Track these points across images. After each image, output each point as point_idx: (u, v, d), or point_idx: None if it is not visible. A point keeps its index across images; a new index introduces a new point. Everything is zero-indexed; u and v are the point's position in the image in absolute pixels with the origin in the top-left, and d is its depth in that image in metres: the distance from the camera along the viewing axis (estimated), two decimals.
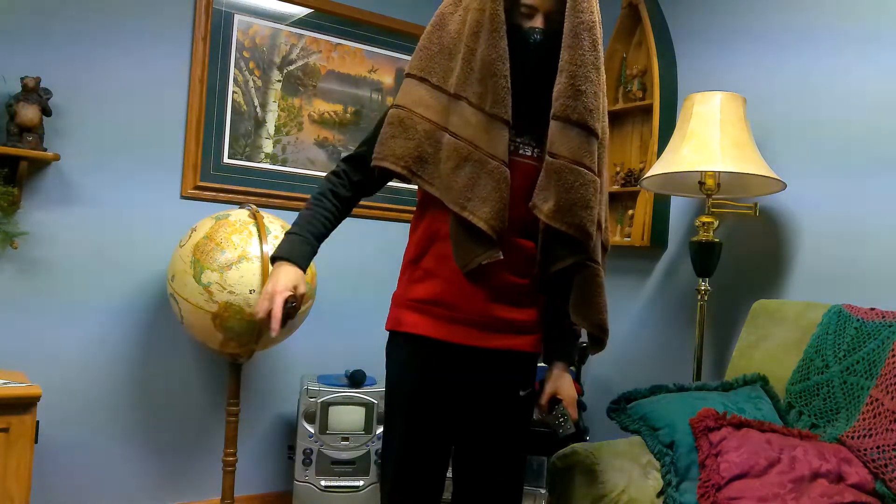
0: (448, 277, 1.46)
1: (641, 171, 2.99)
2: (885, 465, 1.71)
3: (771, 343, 2.19)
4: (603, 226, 1.52)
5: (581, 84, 1.38)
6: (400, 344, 1.50)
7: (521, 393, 1.55)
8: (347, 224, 3.05)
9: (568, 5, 1.39)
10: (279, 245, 1.49)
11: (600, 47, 1.42)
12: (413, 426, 1.50)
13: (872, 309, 2.01)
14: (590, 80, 1.39)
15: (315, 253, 1.52)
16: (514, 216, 1.43)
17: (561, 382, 1.58)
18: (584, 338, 1.60)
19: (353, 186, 1.57)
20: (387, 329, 1.56)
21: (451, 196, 1.40)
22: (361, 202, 1.64)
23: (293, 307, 1.41)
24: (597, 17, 1.42)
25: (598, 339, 1.53)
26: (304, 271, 1.48)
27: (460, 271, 1.43)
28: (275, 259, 1.47)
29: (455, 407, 1.52)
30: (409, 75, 1.49)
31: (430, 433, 1.51)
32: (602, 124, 1.47)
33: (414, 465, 1.51)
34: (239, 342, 2.37)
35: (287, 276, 1.43)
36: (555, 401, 1.58)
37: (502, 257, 1.41)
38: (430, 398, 1.50)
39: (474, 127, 1.40)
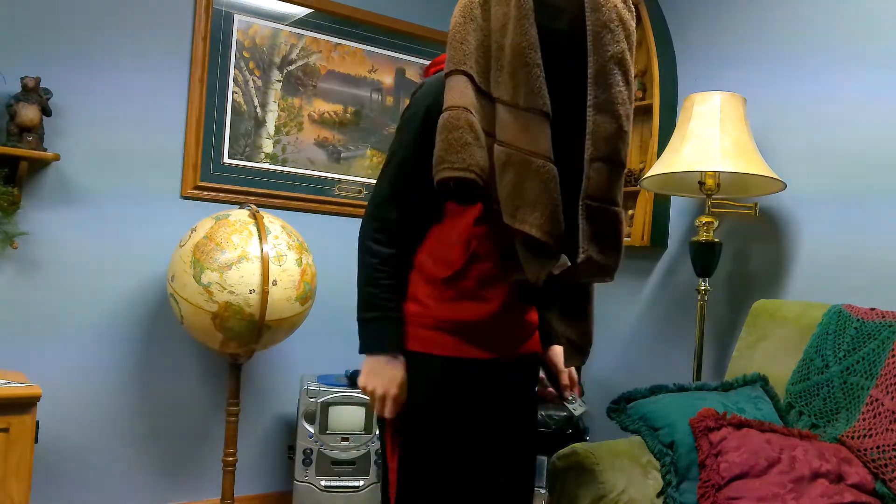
0: (492, 298, 1.40)
1: (641, 171, 2.99)
2: (885, 465, 1.71)
3: (771, 343, 2.19)
4: None
5: (626, 125, 1.26)
6: (435, 366, 1.40)
7: (537, 389, 1.58)
8: (347, 224, 3.07)
9: (589, 41, 1.23)
10: (368, 333, 1.39)
11: (632, 75, 1.29)
12: (446, 451, 1.42)
13: (872, 309, 2.01)
14: (629, 118, 1.28)
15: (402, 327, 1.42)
16: None
17: (560, 358, 1.59)
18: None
19: (401, 230, 1.41)
20: (410, 349, 1.42)
21: (502, 207, 1.25)
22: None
23: None
24: (625, 44, 1.26)
25: (582, 349, 1.41)
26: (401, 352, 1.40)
27: (503, 291, 1.38)
28: (371, 349, 1.39)
29: (484, 418, 1.47)
30: (457, 71, 1.29)
31: (461, 453, 1.44)
32: None
33: (447, 488, 1.43)
34: (239, 342, 2.37)
35: (394, 381, 1.37)
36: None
37: (569, 263, 1.30)
38: (465, 415, 1.43)
39: (511, 126, 1.24)
